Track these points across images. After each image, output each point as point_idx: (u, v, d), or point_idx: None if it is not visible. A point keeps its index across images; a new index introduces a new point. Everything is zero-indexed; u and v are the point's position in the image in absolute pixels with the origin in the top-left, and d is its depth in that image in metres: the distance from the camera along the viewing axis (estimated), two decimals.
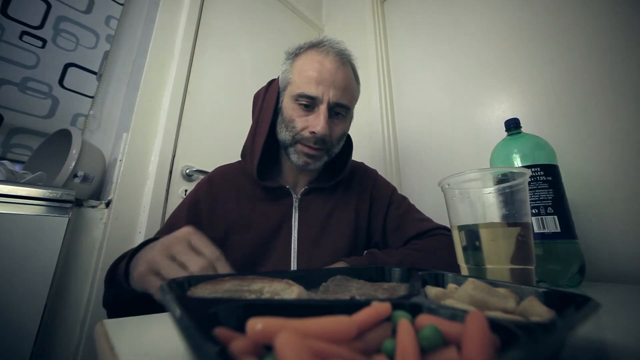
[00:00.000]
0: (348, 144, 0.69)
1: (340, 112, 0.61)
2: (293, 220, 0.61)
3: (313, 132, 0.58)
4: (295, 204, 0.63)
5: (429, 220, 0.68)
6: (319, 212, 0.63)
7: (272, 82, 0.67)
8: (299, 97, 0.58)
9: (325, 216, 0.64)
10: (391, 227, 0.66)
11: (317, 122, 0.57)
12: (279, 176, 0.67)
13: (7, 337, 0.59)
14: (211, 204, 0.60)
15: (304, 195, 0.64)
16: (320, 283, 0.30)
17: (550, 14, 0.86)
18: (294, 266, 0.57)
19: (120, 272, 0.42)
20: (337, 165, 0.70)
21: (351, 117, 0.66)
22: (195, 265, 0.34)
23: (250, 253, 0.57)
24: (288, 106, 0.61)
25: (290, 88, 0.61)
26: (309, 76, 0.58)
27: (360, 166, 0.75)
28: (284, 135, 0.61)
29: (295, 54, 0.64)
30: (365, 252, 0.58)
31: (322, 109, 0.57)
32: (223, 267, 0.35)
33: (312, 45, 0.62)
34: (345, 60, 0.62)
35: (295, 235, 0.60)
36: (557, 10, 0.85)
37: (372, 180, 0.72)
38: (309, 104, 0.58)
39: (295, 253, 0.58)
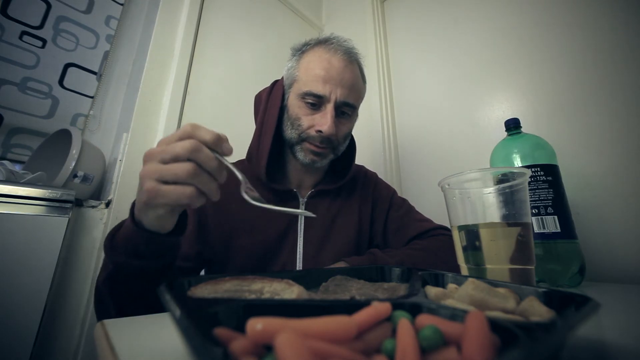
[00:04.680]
0: (351, 145, 0.69)
1: (347, 111, 0.60)
2: (299, 224, 0.61)
3: (319, 131, 0.57)
4: (302, 208, 0.63)
5: (429, 220, 0.68)
6: (324, 216, 0.63)
7: (276, 83, 0.66)
8: (306, 95, 0.57)
9: (330, 220, 0.63)
10: (392, 228, 0.67)
11: (323, 121, 0.57)
12: (284, 177, 0.67)
13: (7, 337, 0.59)
14: (216, 204, 0.59)
15: (309, 199, 0.64)
16: (320, 283, 0.30)
17: (550, 14, 0.86)
18: (299, 269, 0.58)
19: (127, 228, 0.36)
20: (340, 166, 0.69)
21: (356, 117, 0.65)
22: (181, 147, 0.31)
23: (256, 256, 0.57)
24: (294, 104, 0.60)
25: (296, 85, 0.60)
26: (316, 74, 0.57)
27: (361, 169, 0.75)
28: (289, 133, 0.60)
29: (301, 51, 0.63)
30: (366, 252, 0.58)
31: (329, 107, 0.57)
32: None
33: (319, 42, 0.61)
34: (353, 59, 0.61)
35: (301, 239, 0.60)
36: (557, 10, 0.85)
37: (372, 184, 0.73)
38: (316, 102, 0.57)
39: (301, 256, 0.58)
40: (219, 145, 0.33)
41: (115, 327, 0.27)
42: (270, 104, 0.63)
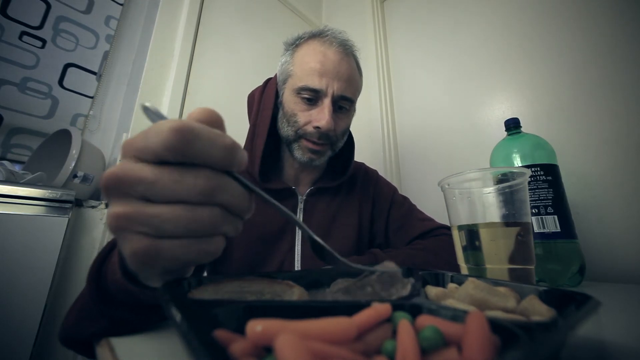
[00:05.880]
0: (349, 142, 0.68)
1: (344, 105, 0.59)
2: None
3: (317, 127, 0.55)
4: (301, 206, 0.61)
5: (431, 219, 0.67)
6: (323, 215, 0.62)
7: (269, 81, 0.64)
8: (302, 90, 0.56)
9: (330, 219, 0.62)
10: (394, 227, 0.66)
11: (321, 117, 0.55)
12: (281, 174, 0.65)
13: (7, 337, 0.59)
14: None
15: (309, 197, 0.62)
16: (320, 283, 0.30)
17: (550, 14, 0.86)
18: (297, 269, 0.57)
19: (112, 266, 0.28)
20: (340, 163, 0.68)
21: (354, 111, 0.64)
22: (194, 189, 0.19)
23: (253, 254, 0.56)
24: (289, 100, 0.58)
25: (291, 81, 0.58)
26: (311, 68, 0.55)
27: (361, 167, 0.74)
28: (286, 130, 0.59)
29: (295, 45, 0.61)
30: (367, 252, 0.57)
31: (326, 102, 0.55)
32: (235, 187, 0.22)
33: (313, 35, 0.59)
34: (349, 51, 0.59)
35: (300, 237, 0.59)
36: (557, 10, 0.85)
37: (373, 181, 0.71)
38: (312, 97, 0.56)
39: (299, 255, 0.57)
40: (233, 160, 0.21)
41: (121, 342, 0.27)
42: (263, 104, 0.62)
